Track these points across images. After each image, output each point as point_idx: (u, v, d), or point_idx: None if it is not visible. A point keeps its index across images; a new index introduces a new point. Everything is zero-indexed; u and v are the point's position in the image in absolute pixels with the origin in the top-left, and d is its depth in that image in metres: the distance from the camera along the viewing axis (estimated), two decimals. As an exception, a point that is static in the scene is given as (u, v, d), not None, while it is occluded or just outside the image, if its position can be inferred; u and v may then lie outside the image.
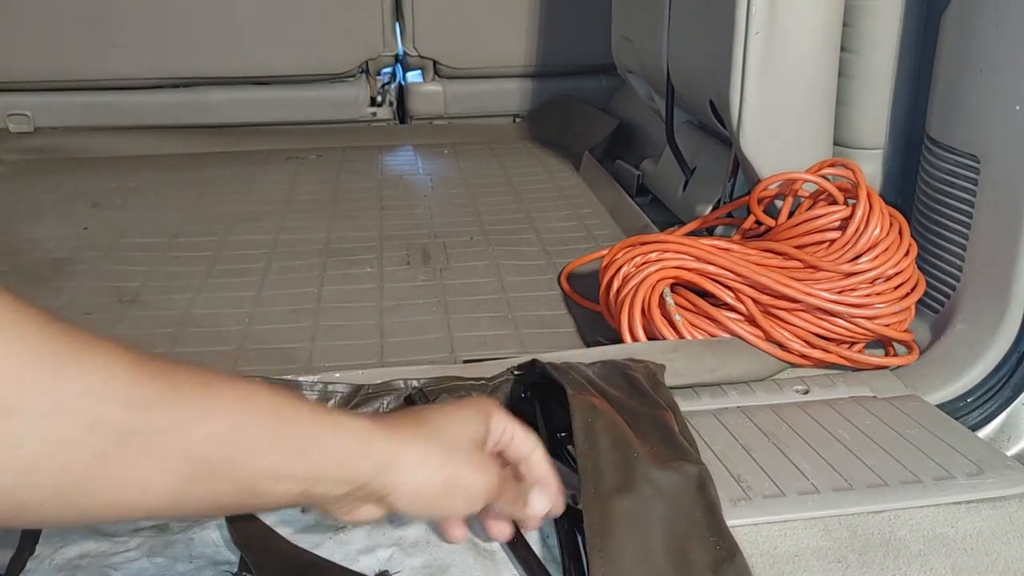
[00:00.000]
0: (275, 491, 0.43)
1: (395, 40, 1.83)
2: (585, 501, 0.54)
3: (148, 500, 0.40)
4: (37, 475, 0.36)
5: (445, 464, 0.49)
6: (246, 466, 0.42)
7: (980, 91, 0.79)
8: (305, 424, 0.44)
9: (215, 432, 0.41)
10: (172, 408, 0.39)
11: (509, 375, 0.73)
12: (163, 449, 0.39)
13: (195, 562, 0.55)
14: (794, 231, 0.87)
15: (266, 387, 0.45)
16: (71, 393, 0.36)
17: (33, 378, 0.36)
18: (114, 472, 0.38)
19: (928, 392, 0.79)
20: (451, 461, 0.49)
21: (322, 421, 0.45)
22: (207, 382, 0.41)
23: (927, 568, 0.56)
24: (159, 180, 1.54)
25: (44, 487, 0.36)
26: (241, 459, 0.42)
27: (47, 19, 1.68)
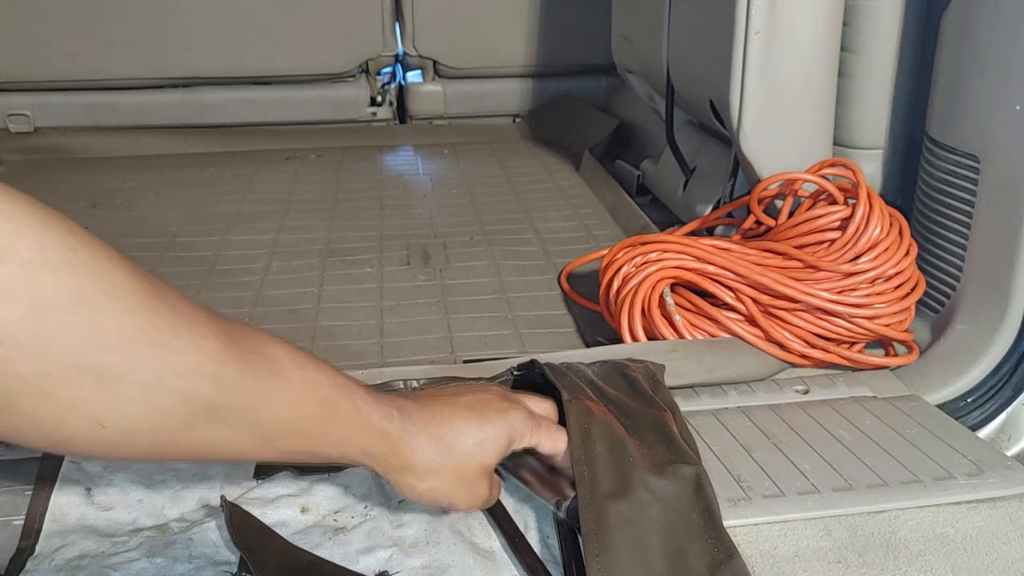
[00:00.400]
0: (307, 455, 0.50)
1: (395, 40, 1.83)
2: (581, 507, 0.54)
3: (213, 455, 0.47)
4: (135, 434, 0.42)
5: (442, 488, 0.54)
6: (293, 443, 0.48)
7: (980, 91, 0.79)
8: (349, 420, 0.50)
9: (278, 416, 0.47)
10: (250, 390, 0.45)
11: (509, 375, 0.73)
12: (236, 423, 0.45)
13: (195, 562, 0.55)
14: (794, 231, 0.87)
15: (325, 376, 0.49)
16: (172, 368, 0.41)
17: (143, 351, 0.40)
18: (195, 436, 0.44)
19: (928, 392, 0.79)
20: (450, 487, 0.54)
21: (362, 419, 0.50)
22: (279, 368, 0.47)
23: (927, 568, 0.56)
24: (159, 180, 1.54)
25: (139, 444, 0.42)
26: (291, 439, 0.48)
27: (47, 19, 1.68)
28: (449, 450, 0.53)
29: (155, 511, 0.60)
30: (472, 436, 0.54)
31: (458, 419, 0.54)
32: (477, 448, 0.54)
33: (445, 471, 0.53)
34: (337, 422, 0.49)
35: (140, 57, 1.73)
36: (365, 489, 0.62)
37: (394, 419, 0.51)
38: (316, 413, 0.48)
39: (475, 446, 0.54)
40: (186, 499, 0.61)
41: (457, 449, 0.53)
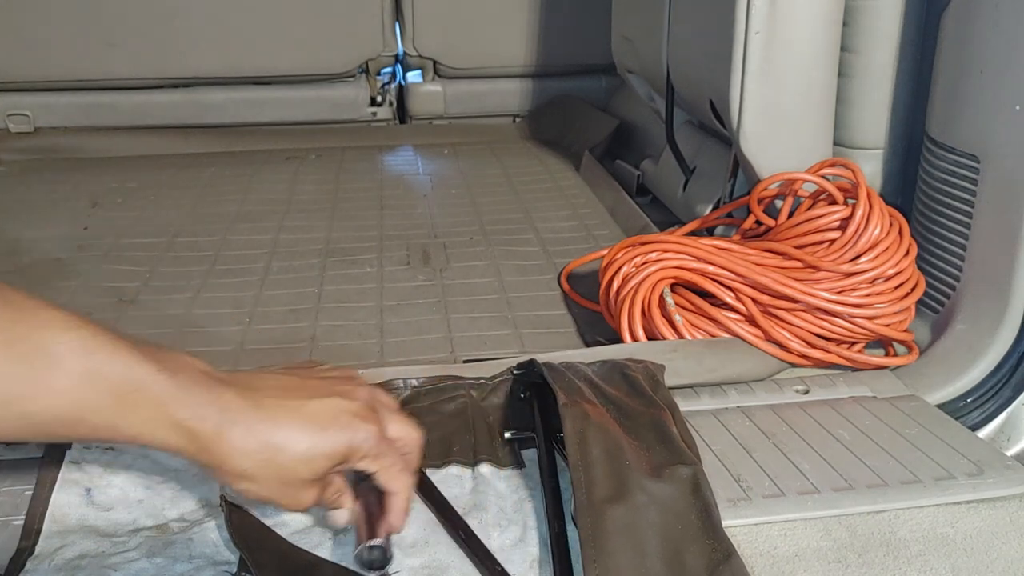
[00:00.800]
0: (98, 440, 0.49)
1: (395, 40, 1.83)
2: (578, 512, 0.54)
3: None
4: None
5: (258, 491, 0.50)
6: (77, 431, 0.46)
7: (980, 91, 0.79)
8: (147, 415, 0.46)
9: (51, 407, 0.44)
10: (13, 381, 0.43)
11: (509, 375, 0.73)
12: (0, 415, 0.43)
13: (194, 562, 0.55)
14: (794, 231, 0.87)
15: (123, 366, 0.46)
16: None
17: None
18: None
19: (928, 392, 0.79)
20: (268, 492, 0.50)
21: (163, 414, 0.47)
22: (57, 359, 0.44)
23: (927, 568, 0.56)
24: (159, 180, 1.54)
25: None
26: (73, 427, 0.45)
27: (47, 19, 1.68)
28: (269, 461, 0.49)
29: (155, 511, 0.60)
30: (300, 445, 0.50)
31: (292, 424, 0.50)
32: (303, 463, 0.50)
33: (262, 476, 0.49)
34: (129, 418, 0.46)
35: (140, 57, 1.73)
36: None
37: (207, 420, 0.47)
38: (102, 405, 0.45)
39: (300, 461, 0.50)
40: (186, 499, 0.61)
41: (278, 459, 0.49)
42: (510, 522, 0.59)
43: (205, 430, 0.47)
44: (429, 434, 0.68)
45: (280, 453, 0.49)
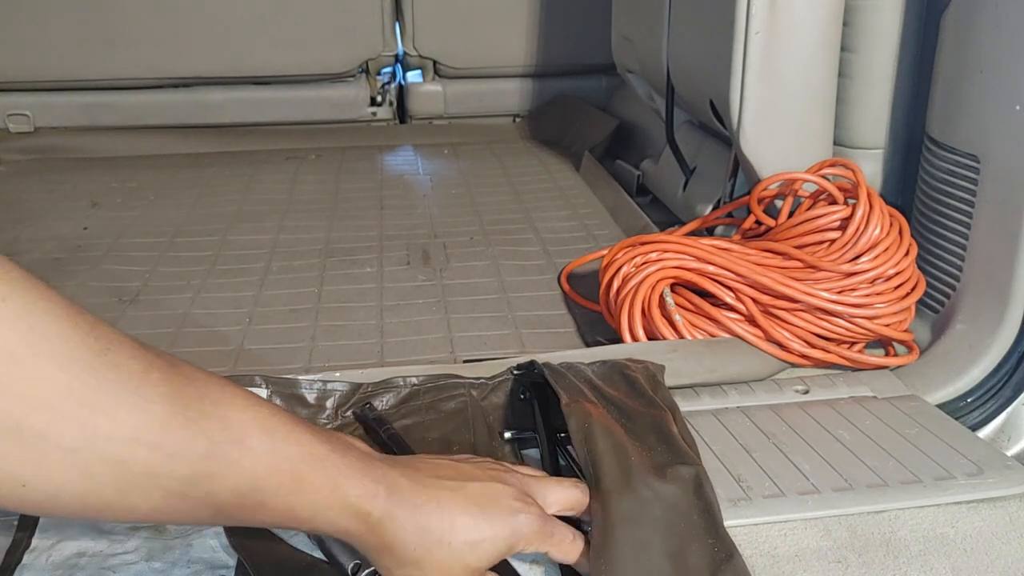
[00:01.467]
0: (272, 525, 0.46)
1: (395, 40, 1.83)
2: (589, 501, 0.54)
3: (158, 521, 0.43)
4: (63, 497, 0.38)
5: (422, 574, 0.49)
6: (255, 515, 0.44)
7: (980, 91, 0.79)
8: (323, 497, 0.45)
9: (235, 487, 0.42)
10: (199, 460, 0.41)
11: (509, 375, 0.73)
12: (182, 493, 0.41)
13: (193, 567, 0.55)
14: (794, 231, 0.87)
15: (300, 446, 0.45)
16: (104, 431, 0.38)
17: (70, 410, 0.37)
18: (133, 503, 0.40)
19: (928, 392, 0.79)
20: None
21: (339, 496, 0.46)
22: (240, 436, 0.42)
23: (927, 568, 0.56)
24: (159, 180, 1.54)
25: (68, 506, 0.39)
26: (252, 512, 0.44)
27: (47, 19, 1.68)
28: (436, 544, 0.48)
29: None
30: (466, 534, 0.49)
31: (456, 510, 0.49)
32: (469, 548, 0.49)
33: (427, 563, 0.48)
34: (308, 498, 0.45)
35: (140, 57, 1.73)
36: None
37: (378, 498, 0.47)
38: (282, 487, 0.44)
39: (467, 545, 0.48)
40: None
41: (445, 544, 0.48)
42: (510, 522, 0.59)
43: (375, 511, 0.46)
44: (428, 433, 0.68)
45: (446, 536, 0.48)
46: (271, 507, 0.44)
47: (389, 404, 0.72)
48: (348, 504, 0.46)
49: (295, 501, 0.44)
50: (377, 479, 0.47)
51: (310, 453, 0.45)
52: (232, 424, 0.42)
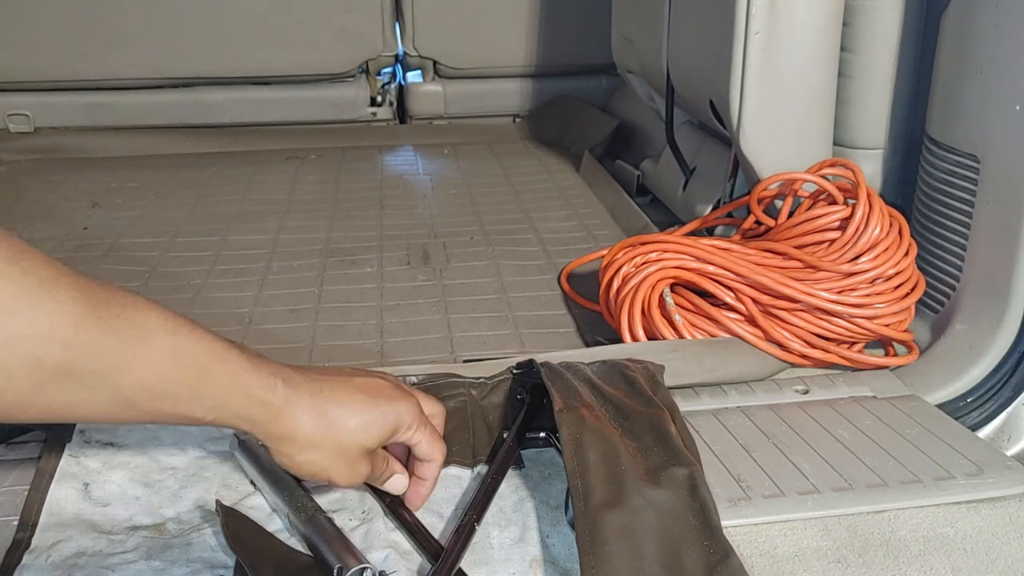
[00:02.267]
0: (178, 418, 0.49)
1: (395, 40, 1.83)
2: (576, 519, 0.54)
3: (71, 416, 0.46)
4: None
5: (321, 461, 0.54)
6: (160, 406, 0.48)
7: (980, 91, 0.79)
8: (225, 387, 0.49)
9: (142, 379, 0.46)
10: (109, 354, 0.44)
11: (508, 374, 0.73)
12: (94, 386, 0.45)
13: (191, 566, 0.55)
14: (794, 231, 0.87)
15: (202, 343, 0.49)
16: (20, 331, 0.41)
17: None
18: (48, 397, 0.44)
19: (928, 392, 0.79)
20: (329, 462, 0.54)
21: (240, 386, 0.50)
22: (146, 333, 0.46)
23: (927, 568, 0.56)
24: (159, 180, 1.54)
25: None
26: (158, 402, 0.47)
27: (47, 19, 1.68)
28: (332, 426, 0.53)
29: (152, 509, 0.60)
30: (358, 416, 0.54)
31: (346, 396, 0.54)
32: (362, 428, 0.54)
33: (325, 445, 0.53)
34: (211, 388, 0.49)
35: (140, 57, 1.73)
36: (362, 493, 0.62)
37: (276, 389, 0.51)
38: (186, 379, 0.48)
39: (360, 425, 0.54)
40: (183, 499, 0.61)
41: (340, 426, 0.53)
42: (509, 522, 0.59)
43: (275, 400, 0.51)
44: (428, 434, 0.68)
45: (341, 419, 0.53)
46: (177, 399, 0.48)
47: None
48: (250, 394, 0.50)
49: (200, 392, 0.48)
50: (274, 373, 0.52)
51: (211, 349, 0.49)
52: (138, 324, 0.46)
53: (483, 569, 0.55)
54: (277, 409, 0.51)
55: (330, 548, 0.54)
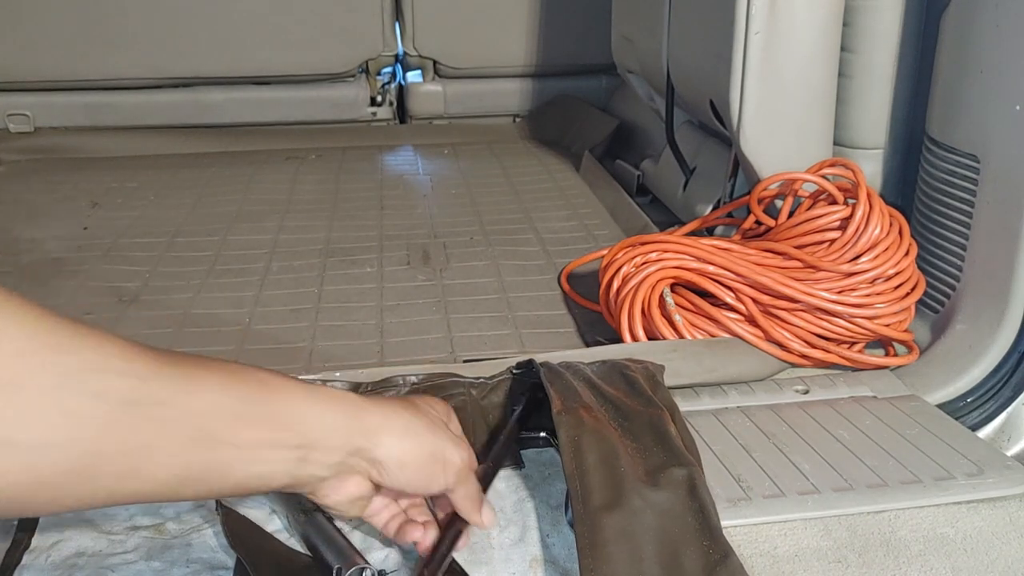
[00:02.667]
0: (271, 460, 0.45)
1: (395, 40, 1.83)
2: (576, 522, 0.54)
3: (153, 472, 0.41)
4: (51, 448, 0.38)
5: (428, 433, 0.51)
6: (243, 434, 0.44)
7: (980, 91, 0.79)
8: (295, 394, 0.47)
9: (213, 402, 0.43)
10: (169, 379, 0.42)
11: (508, 374, 0.73)
12: (164, 418, 0.41)
13: (192, 566, 0.55)
14: (794, 231, 0.87)
15: (250, 366, 0.47)
16: (73, 367, 0.38)
17: (35, 355, 0.37)
18: (122, 440, 0.40)
19: (928, 392, 0.79)
20: (433, 432, 0.52)
21: (313, 392, 0.48)
22: (196, 360, 0.44)
23: (927, 568, 0.56)
24: (159, 180, 1.54)
25: (59, 460, 0.38)
26: (238, 429, 0.44)
27: (47, 19, 1.68)
28: (411, 405, 0.53)
29: (151, 509, 0.60)
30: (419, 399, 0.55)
31: (402, 398, 0.55)
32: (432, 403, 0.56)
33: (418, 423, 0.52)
34: (286, 396, 0.47)
35: (140, 57, 1.73)
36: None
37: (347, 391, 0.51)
38: (256, 393, 0.45)
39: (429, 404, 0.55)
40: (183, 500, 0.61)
41: (414, 403, 0.54)
42: (509, 522, 0.59)
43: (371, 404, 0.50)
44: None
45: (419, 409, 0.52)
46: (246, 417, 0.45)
47: (389, 404, 0.72)
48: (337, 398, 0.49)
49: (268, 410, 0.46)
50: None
51: (265, 372, 0.47)
52: (184, 354, 0.44)
53: (483, 569, 0.55)
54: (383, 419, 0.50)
55: (330, 548, 0.54)
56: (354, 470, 0.49)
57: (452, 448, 0.52)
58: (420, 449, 0.51)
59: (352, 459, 0.49)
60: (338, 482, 0.49)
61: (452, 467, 0.52)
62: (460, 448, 0.53)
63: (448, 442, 0.52)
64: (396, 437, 0.50)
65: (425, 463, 0.51)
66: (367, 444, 0.49)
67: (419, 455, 0.51)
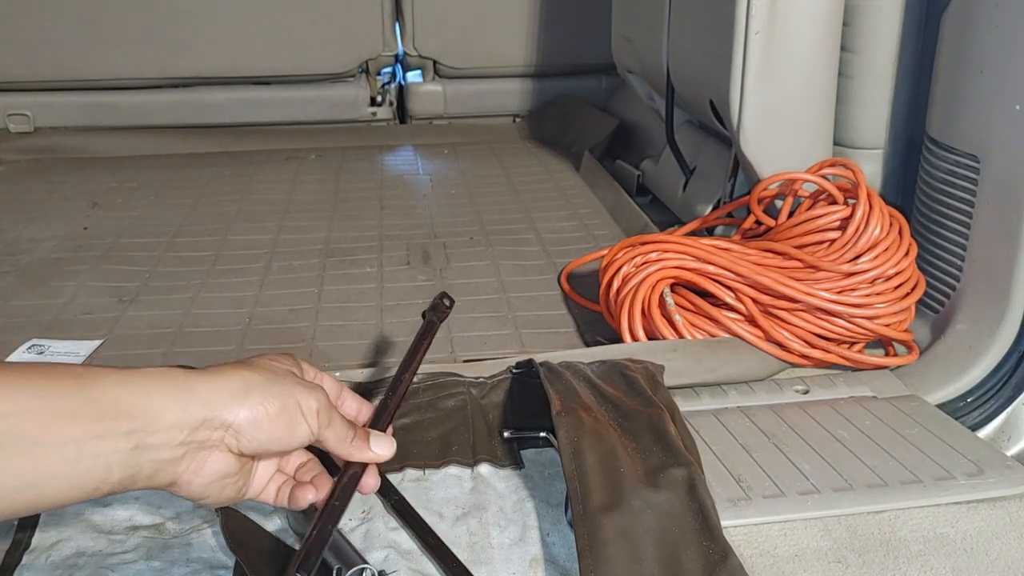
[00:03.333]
0: (102, 453, 0.42)
1: (395, 40, 1.83)
2: (575, 523, 0.54)
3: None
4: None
5: (273, 385, 0.49)
6: (64, 432, 0.41)
7: (980, 91, 0.79)
8: (112, 379, 0.44)
9: (19, 403, 0.40)
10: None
11: (508, 374, 0.73)
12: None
13: (191, 566, 0.55)
14: (794, 231, 0.87)
15: (61, 364, 0.45)
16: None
17: None
18: None
19: (928, 392, 0.79)
20: (278, 383, 0.49)
21: (132, 374, 0.45)
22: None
23: (927, 568, 0.56)
24: (159, 180, 1.54)
25: None
26: (56, 427, 0.41)
27: (47, 19, 1.68)
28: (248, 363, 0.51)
29: (151, 509, 0.60)
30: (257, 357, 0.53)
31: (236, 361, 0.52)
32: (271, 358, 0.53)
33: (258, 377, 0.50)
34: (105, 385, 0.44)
35: (140, 57, 1.73)
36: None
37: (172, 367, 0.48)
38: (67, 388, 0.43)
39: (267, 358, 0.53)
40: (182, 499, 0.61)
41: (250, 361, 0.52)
42: (509, 522, 0.60)
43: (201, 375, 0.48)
44: (427, 432, 0.68)
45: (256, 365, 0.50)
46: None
47: (389, 404, 0.72)
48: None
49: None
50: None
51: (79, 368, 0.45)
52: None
53: (483, 569, 0.55)
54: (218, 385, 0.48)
55: (330, 548, 0.53)
56: (207, 445, 0.47)
57: (304, 393, 0.50)
58: (269, 402, 0.48)
59: (201, 434, 0.46)
60: (196, 464, 0.47)
61: (310, 412, 0.50)
62: (313, 391, 0.51)
63: (298, 388, 0.50)
64: (239, 397, 0.47)
65: (278, 415, 0.48)
66: (210, 413, 0.46)
67: (269, 409, 0.48)
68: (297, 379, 0.51)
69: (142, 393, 0.44)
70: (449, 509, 0.61)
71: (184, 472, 0.46)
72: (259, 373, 0.50)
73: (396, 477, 0.64)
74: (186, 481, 0.47)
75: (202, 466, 0.47)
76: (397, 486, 0.62)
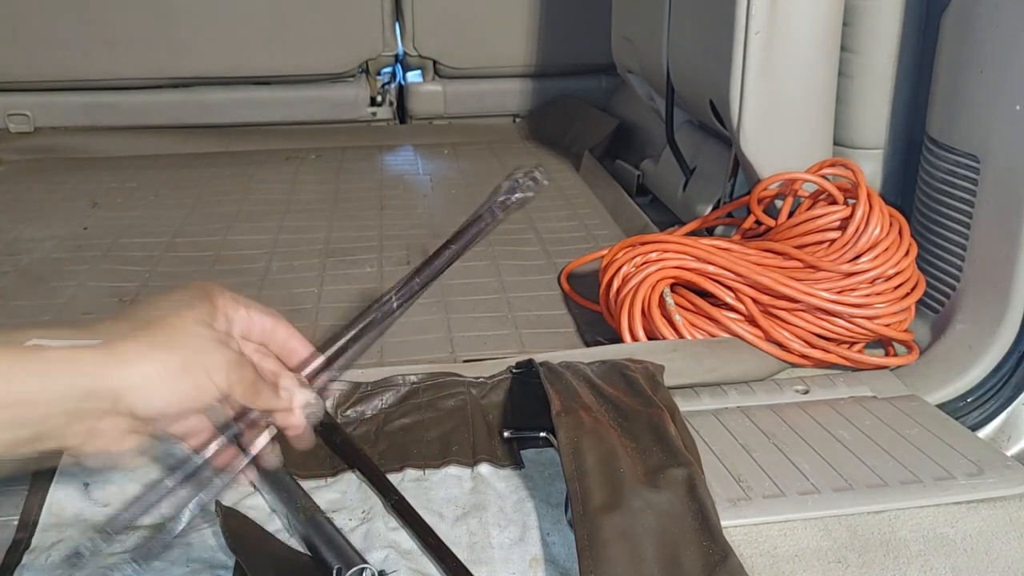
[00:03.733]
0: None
1: (395, 40, 1.83)
2: (575, 523, 0.54)
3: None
4: None
5: (172, 346, 0.45)
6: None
7: (980, 91, 0.79)
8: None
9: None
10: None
11: (508, 374, 0.73)
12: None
13: (191, 566, 0.55)
14: (794, 231, 0.87)
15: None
16: None
17: None
18: None
19: (928, 392, 0.79)
20: (178, 342, 0.45)
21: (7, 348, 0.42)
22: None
23: (927, 568, 0.56)
24: (159, 180, 1.54)
25: None
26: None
27: (47, 19, 1.68)
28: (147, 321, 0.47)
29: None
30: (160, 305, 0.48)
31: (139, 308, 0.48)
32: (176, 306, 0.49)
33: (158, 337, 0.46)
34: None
35: (140, 57, 1.73)
36: (362, 493, 0.62)
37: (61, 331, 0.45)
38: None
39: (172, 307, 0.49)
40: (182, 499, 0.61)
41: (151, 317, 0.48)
42: (509, 522, 0.59)
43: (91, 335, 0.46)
44: (427, 432, 0.68)
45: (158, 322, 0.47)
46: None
47: (388, 403, 0.72)
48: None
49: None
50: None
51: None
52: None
53: (483, 569, 0.55)
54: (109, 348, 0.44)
55: (329, 548, 0.53)
56: (99, 416, 0.43)
57: (205, 352, 0.45)
58: (164, 368, 0.44)
59: (88, 403, 0.43)
60: (87, 433, 0.44)
61: (218, 370, 0.45)
62: (221, 347, 0.46)
63: (198, 348, 0.45)
64: (132, 365, 0.43)
65: (176, 381, 0.44)
66: (97, 382, 0.43)
67: (166, 374, 0.44)
68: (200, 333, 0.46)
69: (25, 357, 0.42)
70: (449, 509, 0.61)
71: (73, 441, 0.44)
72: (160, 329, 0.45)
73: (396, 477, 0.64)
74: (76, 447, 0.44)
75: (96, 436, 0.44)
76: (397, 486, 0.62)
